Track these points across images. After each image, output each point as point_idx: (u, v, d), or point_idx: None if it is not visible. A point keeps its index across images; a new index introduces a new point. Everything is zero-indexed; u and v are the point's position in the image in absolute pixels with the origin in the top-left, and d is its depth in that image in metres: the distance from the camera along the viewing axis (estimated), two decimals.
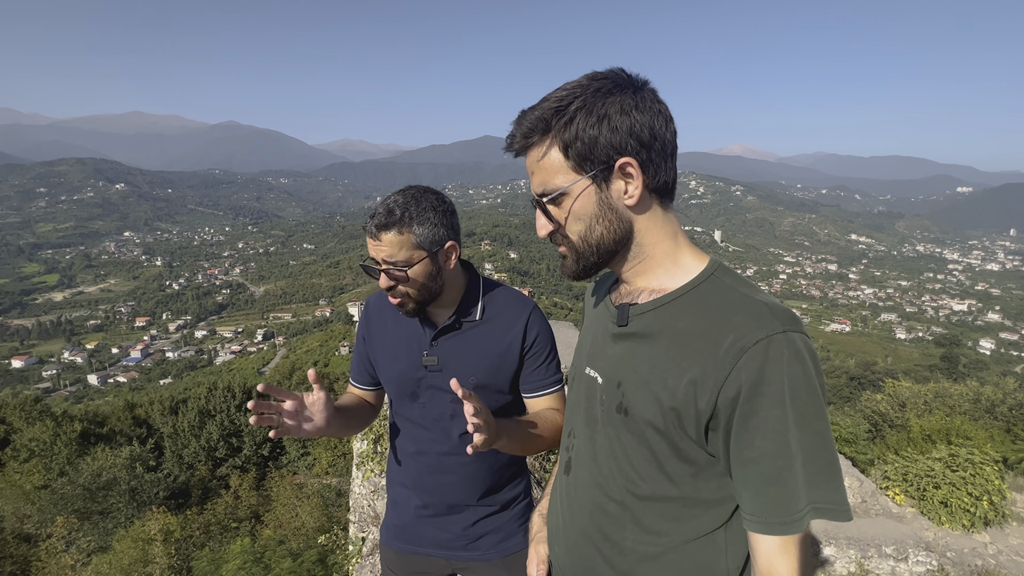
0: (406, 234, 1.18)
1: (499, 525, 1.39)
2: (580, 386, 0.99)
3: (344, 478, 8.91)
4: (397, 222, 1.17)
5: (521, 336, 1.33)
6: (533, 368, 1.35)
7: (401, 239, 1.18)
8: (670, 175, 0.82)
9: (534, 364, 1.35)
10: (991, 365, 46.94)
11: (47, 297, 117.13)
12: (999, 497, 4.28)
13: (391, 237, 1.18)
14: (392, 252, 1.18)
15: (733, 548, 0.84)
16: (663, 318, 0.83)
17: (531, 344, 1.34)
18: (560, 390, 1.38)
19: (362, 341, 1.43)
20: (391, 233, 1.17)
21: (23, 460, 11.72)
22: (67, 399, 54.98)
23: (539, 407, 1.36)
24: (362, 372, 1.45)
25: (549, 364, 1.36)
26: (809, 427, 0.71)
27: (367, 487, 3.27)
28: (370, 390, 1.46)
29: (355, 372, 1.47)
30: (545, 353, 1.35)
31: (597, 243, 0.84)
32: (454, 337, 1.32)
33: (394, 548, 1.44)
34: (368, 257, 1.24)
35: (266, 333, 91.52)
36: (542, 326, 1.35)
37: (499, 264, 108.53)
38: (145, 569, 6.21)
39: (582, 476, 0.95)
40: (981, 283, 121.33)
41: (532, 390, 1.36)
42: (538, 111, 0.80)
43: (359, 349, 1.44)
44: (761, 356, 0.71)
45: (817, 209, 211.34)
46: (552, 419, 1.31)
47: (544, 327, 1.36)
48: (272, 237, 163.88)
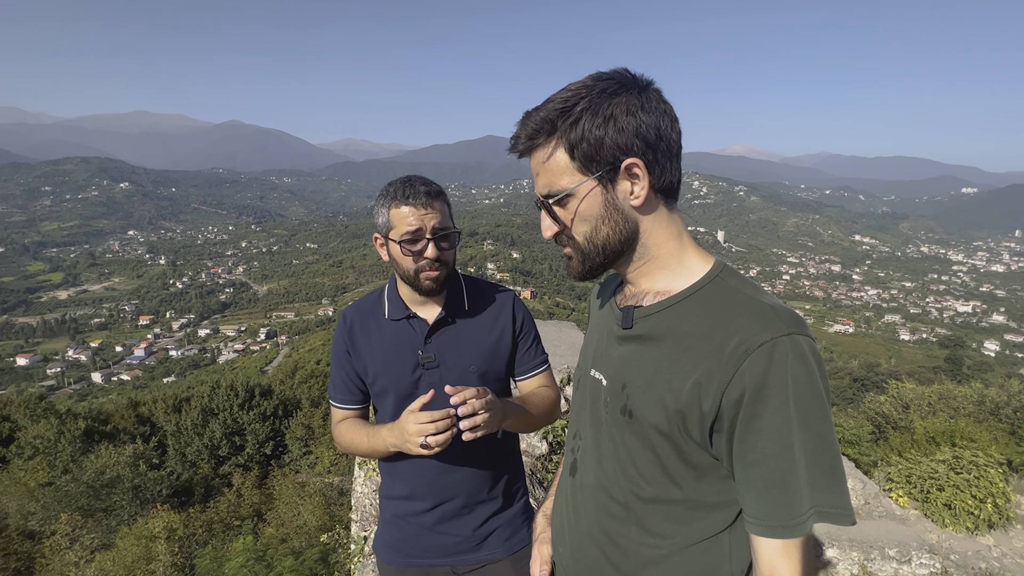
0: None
1: (506, 521, 1.41)
2: (585, 388, 0.99)
3: (346, 477, 8.91)
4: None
5: (511, 320, 1.39)
6: (524, 350, 1.41)
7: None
8: (675, 176, 0.82)
9: (525, 346, 1.42)
10: (995, 367, 46.66)
11: (52, 295, 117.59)
12: (1003, 500, 4.26)
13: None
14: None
15: (737, 551, 0.84)
16: (668, 320, 0.83)
17: (521, 327, 1.41)
18: (547, 369, 1.45)
19: (346, 356, 1.37)
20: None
21: (27, 457, 11.76)
22: (71, 397, 55.17)
23: (532, 387, 1.42)
24: (351, 389, 1.39)
25: (536, 345, 1.44)
26: (813, 430, 0.71)
27: (369, 486, 3.28)
28: (358, 408, 1.41)
29: (341, 392, 1.39)
30: (532, 334, 1.43)
31: (603, 244, 0.83)
32: (448, 331, 1.34)
33: (395, 564, 1.41)
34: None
35: (269, 332, 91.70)
36: (525, 310, 1.44)
37: (502, 264, 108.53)
38: (148, 566, 6.23)
39: (587, 478, 0.95)
40: (986, 284, 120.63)
41: (525, 371, 1.42)
42: (543, 112, 0.80)
43: (342, 366, 1.38)
44: (765, 358, 0.71)
45: (821, 210, 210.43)
46: (547, 395, 1.39)
47: (527, 311, 1.45)
48: (275, 236, 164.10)
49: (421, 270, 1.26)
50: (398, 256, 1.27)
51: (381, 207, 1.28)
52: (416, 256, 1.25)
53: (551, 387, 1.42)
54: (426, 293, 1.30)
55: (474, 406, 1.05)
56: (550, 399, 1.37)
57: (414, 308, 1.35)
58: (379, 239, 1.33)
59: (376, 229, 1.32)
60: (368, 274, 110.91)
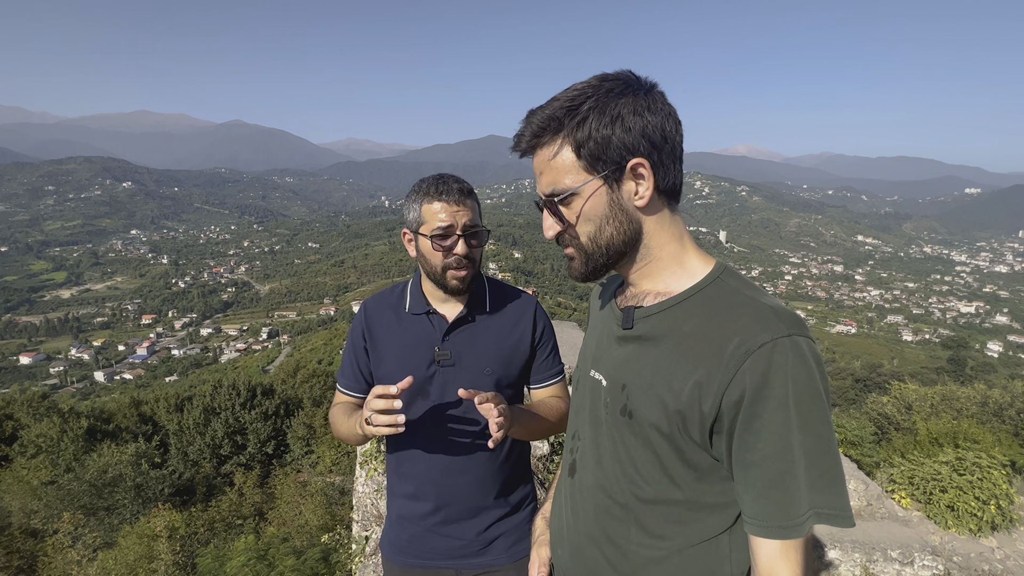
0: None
1: (511, 528, 1.39)
2: (585, 388, 0.99)
3: (348, 476, 8.91)
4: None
5: (532, 327, 1.38)
6: (543, 359, 1.40)
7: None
8: (678, 177, 0.82)
9: (543, 355, 1.40)
10: (999, 368, 46.42)
11: (55, 294, 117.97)
12: (1007, 501, 4.24)
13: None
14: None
15: (737, 553, 0.83)
16: (668, 321, 0.83)
17: (540, 334, 1.39)
18: (562, 379, 1.43)
19: (362, 344, 1.37)
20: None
21: (30, 456, 11.80)
22: (74, 396, 55.30)
23: (544, 396, 1.40)
24: (358, 379, 1.39)
25: (555, 355, 1.42)
26: (812, 431, 0.71)
27: (371, 486, 3.28)
28: (360, 397, 1.41)
29: (348, 379, 1.41)
30: (551, 344, 1.42)
31: (607, 244, 0.83)
32: (467, 330, 1.33)
33: (399, 564, 1.41)
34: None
35: (271, 331, 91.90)
36: (547, 318, 1.43)
37: (503, 264, 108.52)
38: (150, 565, 6.24)
39: (586, 478, 0.95)
40: (989, 285, 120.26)
41: (540, 380, 1.40)
42: (549, 110, 0.79)
43: (355, 354, 1.38)
44: (766, 359, 0.71)
45: (823, 210, 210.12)
46: (556, 406, 1.36)
47: (548, 319, 1.43)
48: (277, 236, 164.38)
49: (449, 267, 1.26)
50: (427, 252, 1.26)
51: (413, 203, 1.27)
52: (446, 252, 1.24)
53: (563, 399, 1.40)
54: (452, 292, 1.29)
55: (496, 411, 1.03)
56: (560, 411, 1.35)
57: (435, 305, 1.34)
58: (408, 234, 1.31)
59: (405, 225, 1.31)
60: (370, 273, 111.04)
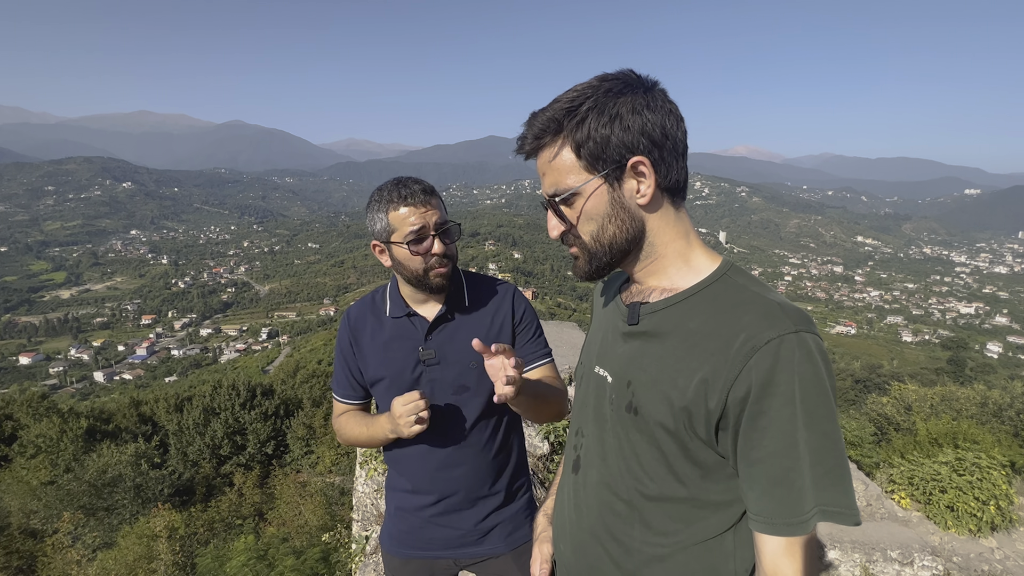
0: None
1: (508, 517, 1.41)
2: (589, 384, 0.98)
3: (347, 477, 8.91)
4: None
5: (510, 313, 1.39)
6: (525, 341, 1.40)
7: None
8: (681, 174, 0.82)
9: (526, 337, 1.40)
10: (998, 369, 46.37)
11: (54, 294, 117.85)
12: (1006, 502, 4.25)
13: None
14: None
15: (741, 551, 0.83)
16: (674, 317, 0.82)
17: (520, 318, 1.40)
18: (550, 361, 1.43)
19: (350, 352, 1.39)
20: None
21: (30, 456, 11.80)
22: (73, 396, 55.30)
23: (535, 378, 1.39)
24: (353, 386, 1.42)
25: (539, 337, 1.42)
26: (818, 428, 0.70)
27: (370, 486, 3.28)
28: (359, 403, 1.44)
29: (344, 388, 1.43)
30: (534, 326, 1.42)
31: (610, 243, 0.83)
32: (448, 327, 1.34)
33: (398, 555, 1.44)
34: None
35: (270, 332, 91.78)
36: (526, 302, 1.43)
37: (503, 264, 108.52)
38: (150, 565, 6.25)
39: (590, 475, 0.95)
40: (989, 286, 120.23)
41: (527, 363, 1.40)
42: (549, 112, 0.80)
43: (346, 362, 1.40)
44: (772, 356, 0.70)
45: (823, 211, 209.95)
46: (553, 383, 1.37)
47: (527, 303, 1.43)
48: (277, 236, 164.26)
49: (431, 268, 1.25)
50: (405, 258, 1.25)
51: (377, 212, 1.26)
52: (425, 255, 1.24)
53: (556, 378, 1.41)
54: (437, 290, 1.30)
55: (508, 366, 1.02)
56: (556, 388, 1.35)
57: (415, 306, 1.35)
58: (379, 246, 1.30)
59: (375, 236, 1.29)
60: (369, 274, 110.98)
